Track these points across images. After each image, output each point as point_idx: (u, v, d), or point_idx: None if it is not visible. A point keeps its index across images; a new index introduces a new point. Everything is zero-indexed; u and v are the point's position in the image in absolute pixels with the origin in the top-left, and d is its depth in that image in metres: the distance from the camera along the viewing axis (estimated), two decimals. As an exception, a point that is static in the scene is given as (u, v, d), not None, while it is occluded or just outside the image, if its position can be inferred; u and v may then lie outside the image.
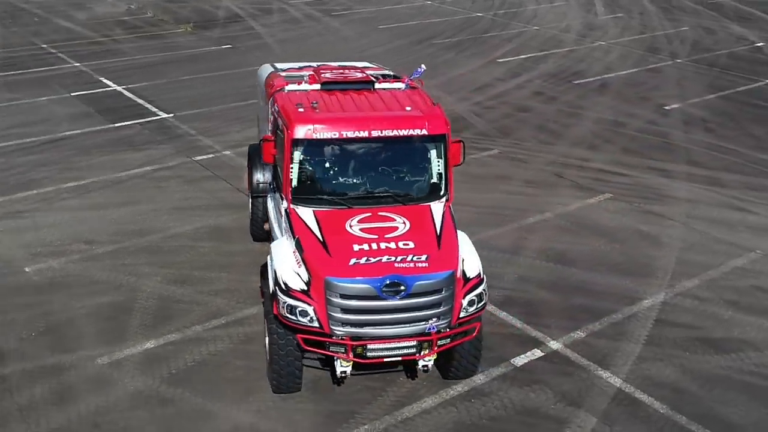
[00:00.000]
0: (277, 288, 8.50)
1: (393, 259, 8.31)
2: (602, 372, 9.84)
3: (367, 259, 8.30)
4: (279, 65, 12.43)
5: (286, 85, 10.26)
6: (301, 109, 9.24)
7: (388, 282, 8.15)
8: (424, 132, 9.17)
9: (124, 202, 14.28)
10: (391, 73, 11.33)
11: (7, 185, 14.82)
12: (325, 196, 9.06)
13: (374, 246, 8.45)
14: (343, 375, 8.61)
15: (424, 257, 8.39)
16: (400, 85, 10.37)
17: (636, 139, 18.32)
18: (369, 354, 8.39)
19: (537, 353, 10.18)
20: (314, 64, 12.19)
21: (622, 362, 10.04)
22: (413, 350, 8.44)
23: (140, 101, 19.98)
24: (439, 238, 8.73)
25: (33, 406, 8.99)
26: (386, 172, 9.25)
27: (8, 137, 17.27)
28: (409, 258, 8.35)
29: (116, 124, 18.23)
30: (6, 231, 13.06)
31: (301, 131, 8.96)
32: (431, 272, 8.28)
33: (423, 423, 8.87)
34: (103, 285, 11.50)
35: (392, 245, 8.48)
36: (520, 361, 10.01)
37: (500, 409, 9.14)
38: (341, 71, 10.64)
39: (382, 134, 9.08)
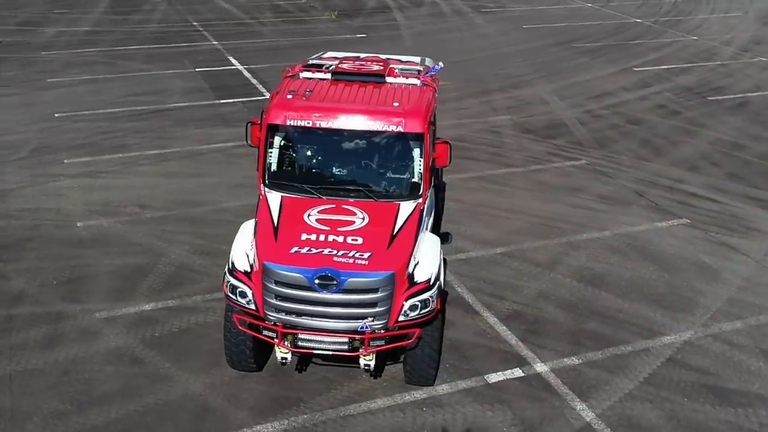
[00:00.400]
0: (227, 266, 8.69)
1: (334, 252, 8.21)
2: (578, 403, 9.17)
3: (309, 249, 8.26)
4: (331, 53, 12.52)
5: (302, 71, 10.36)
6: (289, 96, 9.31)
7: (322, 274, 8.07)
8: (399, 129, 8.91)
9: (194, 173, 15.07)
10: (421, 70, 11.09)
11: (100, 147, 16.10)
12: (296, 184, 9.07)
13: (322, 237, 8.39)
14: (283, 361, 8.63)
15: (366, 255, 8.22)
16: (415, 81, 10.13)
17: (749, 165, 16.68)
18: (300, 344, 8.37)
19: (516, 373, 9.65)
20: (363, 55, 12.15)
21: (606, 397, 9.30)
22: (345, 347, 8.31)
23: (254, 81, 20.90)
24: (393, 237, 8.48)
25: (22, 346, 9.80)
26: (360, 166, 9.10)
27: (123, 104, 18.72)
28: (350, 253, 8.21)
29: (221, 101, 19.22)
30: (78, 188, 14.23)
31: (276, 116, 9.03)
32: (368, 270, 8.09)
33: (362, 422, 8.73)
34: (136, 247, 12.25)
35: (340, 239, 8.38)
36: (494, 378, 9.55)
37: (448, 422, 8.79)
38: (362, 63, 10.57)
39: (356, 128, 8.95)
